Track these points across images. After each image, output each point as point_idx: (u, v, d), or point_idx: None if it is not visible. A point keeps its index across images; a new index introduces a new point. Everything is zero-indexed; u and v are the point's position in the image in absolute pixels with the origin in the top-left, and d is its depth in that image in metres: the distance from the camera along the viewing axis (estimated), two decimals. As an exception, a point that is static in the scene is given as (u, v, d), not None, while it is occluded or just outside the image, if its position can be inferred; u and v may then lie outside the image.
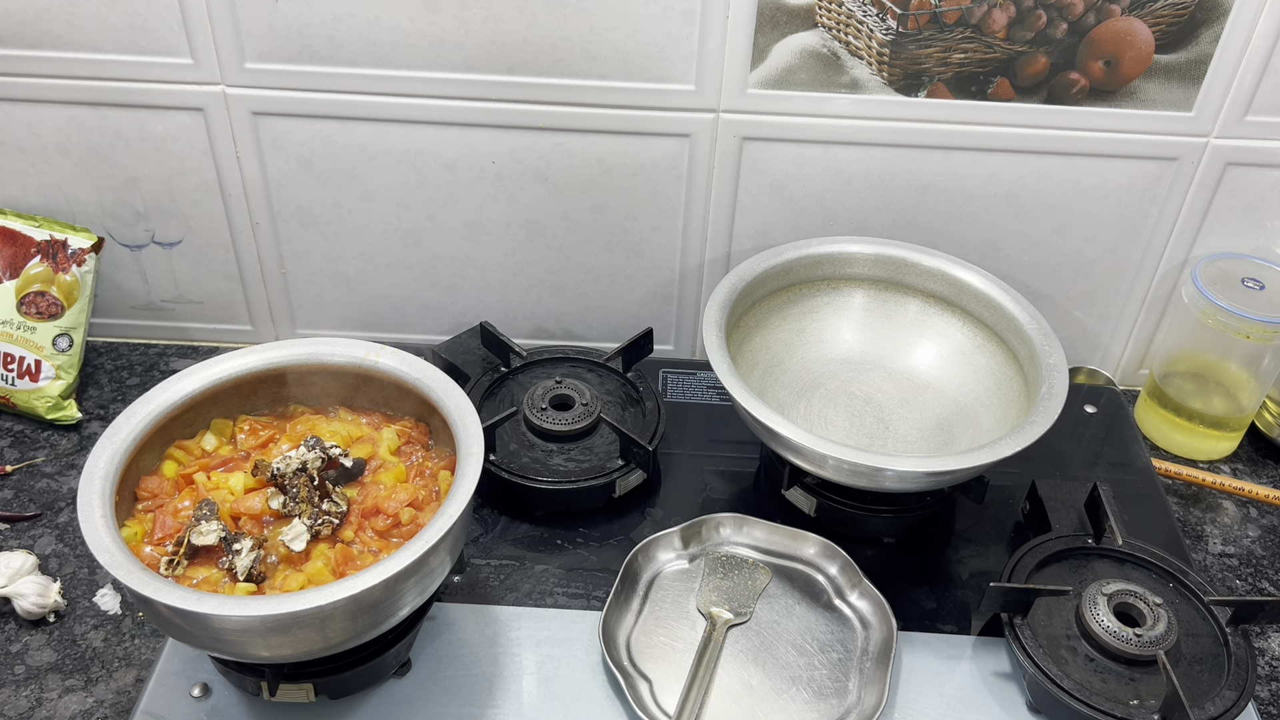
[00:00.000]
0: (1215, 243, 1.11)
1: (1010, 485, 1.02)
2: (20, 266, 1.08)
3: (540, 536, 0.97)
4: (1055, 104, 1.02)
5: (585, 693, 0.84)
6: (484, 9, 0.98)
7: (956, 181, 1.08)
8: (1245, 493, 1.08)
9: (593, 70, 1.01)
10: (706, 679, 0.83)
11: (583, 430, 1.01)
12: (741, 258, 1.06)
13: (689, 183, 1.08)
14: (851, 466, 0.85)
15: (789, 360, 1.06)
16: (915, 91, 1.02)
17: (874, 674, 0.85)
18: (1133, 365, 1.22)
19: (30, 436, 1.08)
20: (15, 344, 1.07)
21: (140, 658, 0.88)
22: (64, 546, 0.97)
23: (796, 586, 0.92)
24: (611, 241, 1.13)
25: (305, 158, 1.07)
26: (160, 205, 1.11)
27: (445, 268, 1.15)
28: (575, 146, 1.06)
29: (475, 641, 0.87)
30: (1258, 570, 1.01)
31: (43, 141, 1.07)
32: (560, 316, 1.20)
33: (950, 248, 1.10)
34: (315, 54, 1.01)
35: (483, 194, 1.09)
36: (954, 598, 0.93)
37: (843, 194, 1.09)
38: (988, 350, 1.04)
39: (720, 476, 1.04)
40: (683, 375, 1.15)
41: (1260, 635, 0.95)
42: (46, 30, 1.00)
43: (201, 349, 1.21)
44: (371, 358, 0.88)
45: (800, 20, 0.98)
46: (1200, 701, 0.80)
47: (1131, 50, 0.99)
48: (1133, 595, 0.86)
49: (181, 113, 1.05)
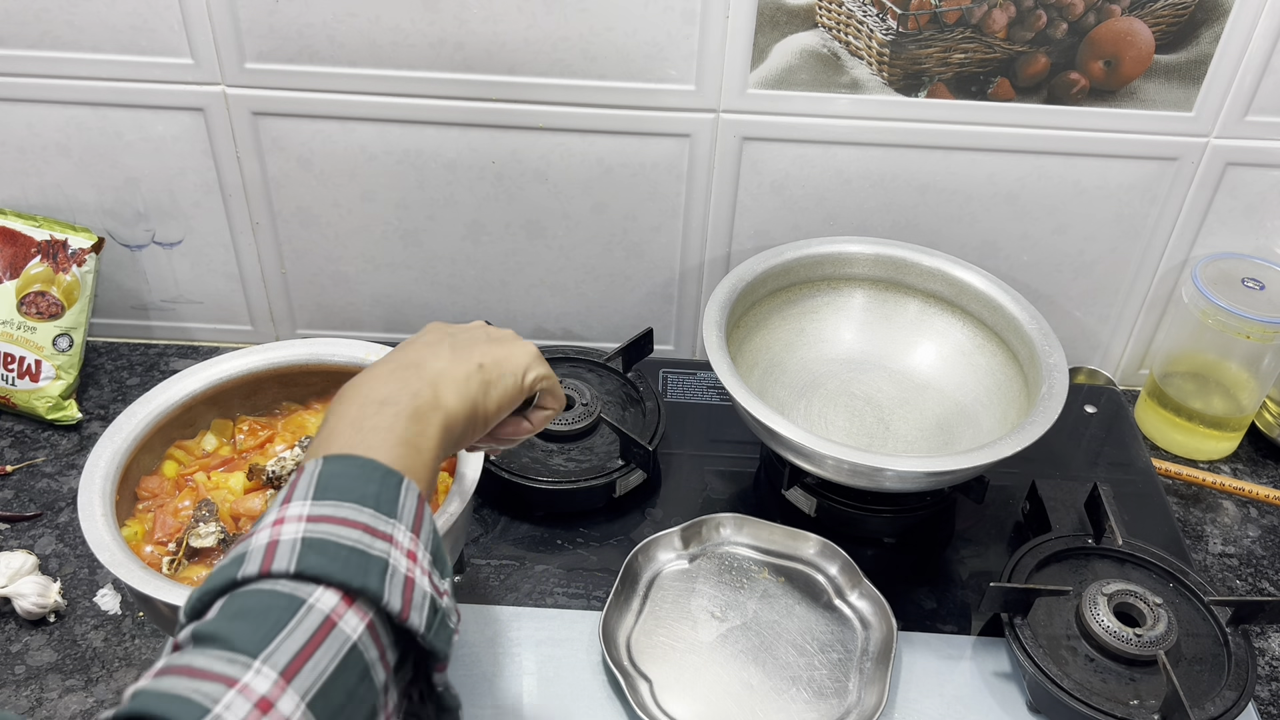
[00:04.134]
0: (1215, 243, 1.11)
1: (1010, 485, 1.02)
2: (20, 266, 1.08)
3: (540, 536, 0.97)
4: (1055, 104, 1.02)
5: (585, 693, 0.84)
6: (484, 9, 0.98)
7: (956, 181, 1.08)
8: (1245, 493, 1.08)
9: (593, 70, 1.01)
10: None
11: (583, 430, 1.01)
12: (741, 258, 1.06)
13: (689, 183, 1.08)
14: (851, 466, 0.85)
15: (789, 360, 1.06)
16: (915, 91, 1.02)
17: (874, 674, 0.85)
18: (1133, 365, 1.22)
19: (30, 436, 1.08)
20: (15, 344, 1.07)
21: (140, 658, 0.88)
22: (64, 546, 0.97)
23: (796, 586, 0.92)
24: (611, 241, 1.13)
25: (305, 158, 1.07)
26: (160, 205, 1.11)
27: (445, 268, 1.15)
28: (575, 146, 1.06)
29: (475, 641, 0.87)
30: (1258, 570, 1.01)
31: (43, 141, 1.07)
32: (560, 316, 1.20)
33: (950, 248, 1.10)
34: (315, 54, 1.01)
35: (483, 194, 1.09)
36: (954, 598, 0.93)
37: (843, 194, 1.09)
38: (988, 350, 1.04)
39: (720, 476, 1.04)
40: (683, 375, 1.15)
41: (1260, 635, 0.95)
42: (46, 30, 1.00)
43: (201, 349, 1.21)
44: (371, 358, 0.88)
45: (800, 20, 0.98)
46: (1200, 701, 0.80)
47: (1131, 50, 0.99)
48: (1133, 595, 0.86)
49: (182, 113, 1.05)
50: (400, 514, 0.56)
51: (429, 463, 0.61)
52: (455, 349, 0.67)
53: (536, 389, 0.70)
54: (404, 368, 0.64)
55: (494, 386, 0.66)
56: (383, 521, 0.55)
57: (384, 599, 0.53)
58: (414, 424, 0.61)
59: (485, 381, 0.66)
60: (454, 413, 0.64)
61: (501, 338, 0.70)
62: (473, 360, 0.66)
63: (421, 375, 0.64)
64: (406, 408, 0.61)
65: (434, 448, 0.62)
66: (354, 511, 0.55)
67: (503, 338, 0.70)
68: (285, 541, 0.53)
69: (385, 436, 0.59)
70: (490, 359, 0.67)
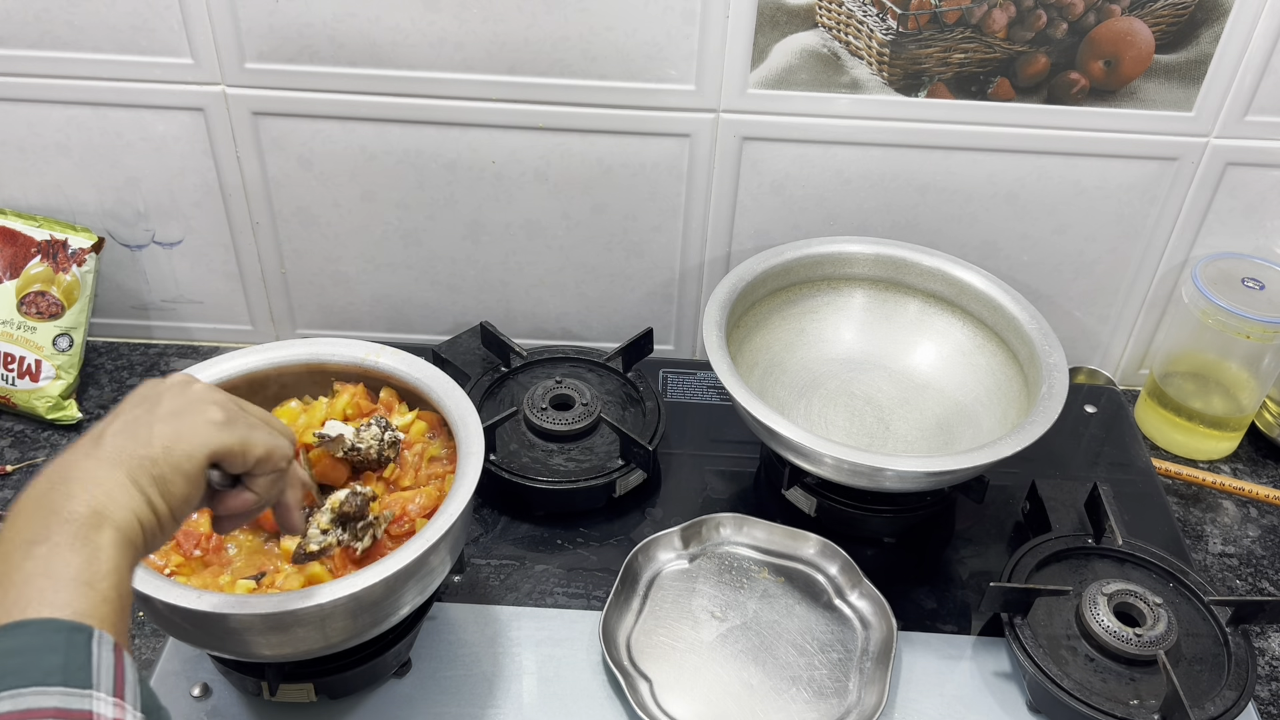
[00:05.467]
0: (1215, 243, 1.11)
1: (1010, 485, 1.02)
2: (20, 266, 1.08)
3: (540, 536, 0.97)
4: (1055, 104, 1.02)
5: (585, 693, 0.84)
6: (484, 9, 0.98)
7: (956, 181, 1.08)
8: (1245, 493, 1.08)
9: (593, 70, 1.01)
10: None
11: (583, 430, 1.01)
12: (741, 258, 1.06)
13: (689, 183, 1.08)
14: (851, 466, 0.85)
15: (789, 360, 1.06)
16: (915, 91, 1.02)
17: (874, 674, 0.85)
18: (1133, 365, 1.22)
19: (30, 436, 1.08)
20: (15, 344, 1.07)
21: (140, 658, 0.88)
22: (64, 546, 0.97)
23: (796, 586, 0.92)
24: (611, 241, 1.13)
25: (305, 158, 1.07)
26: (160, 205, 1.11)
27: (445, 268, 1.15)
28: (575, 146, 1.06)
29: (475, 641, 0.87)
30: (1258, 570, 1.01)
31: (43, 141, 1.07)
32: (560, 316, 1.20)
33: (950, 248, 1.09)
34: (315, 54, 1.01)
35: (483, 194, 1.09)
36: (954, 598, 0.93)
37: (843, 194, 1.09)
38: (988, 350, 1.04)
39: (720, 476, 1.04)
40: (683, 375, 1.15)
41: (1260, 635, 0.95)
42: (46, 30, 1.00)
43: (201, 349, 1.21)
44: (371, 358, 0.88)
45: (800, 20, 0.98)
46: (1200, 701, 0.80)
47: (1131, 50, 0.99)
48: (1133, 595, 0.86)
49: (182, 113, 1.05)
50: (97, 678, 0.47)
51: (114, 590, 0.51)
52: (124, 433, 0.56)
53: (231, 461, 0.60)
54: (51, 486, 0.53)
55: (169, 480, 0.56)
56: (76, 697, 0.46)
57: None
58: (77, 554, 0.51)
59: (157, 477, 0.56)
60: (126, 523, 0.53)
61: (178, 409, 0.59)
62: (141, 450, 0.56)
63: (70, 490, 0.53)
64: (62, 539, 0.51)
65: (114, 570, 0.51)
66: (39, 698, 0.45)
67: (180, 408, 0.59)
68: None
69: (48, 582, 0.49)
70: (160, 444, 0.56)
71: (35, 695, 0.45)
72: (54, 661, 0.46)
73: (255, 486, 0.63)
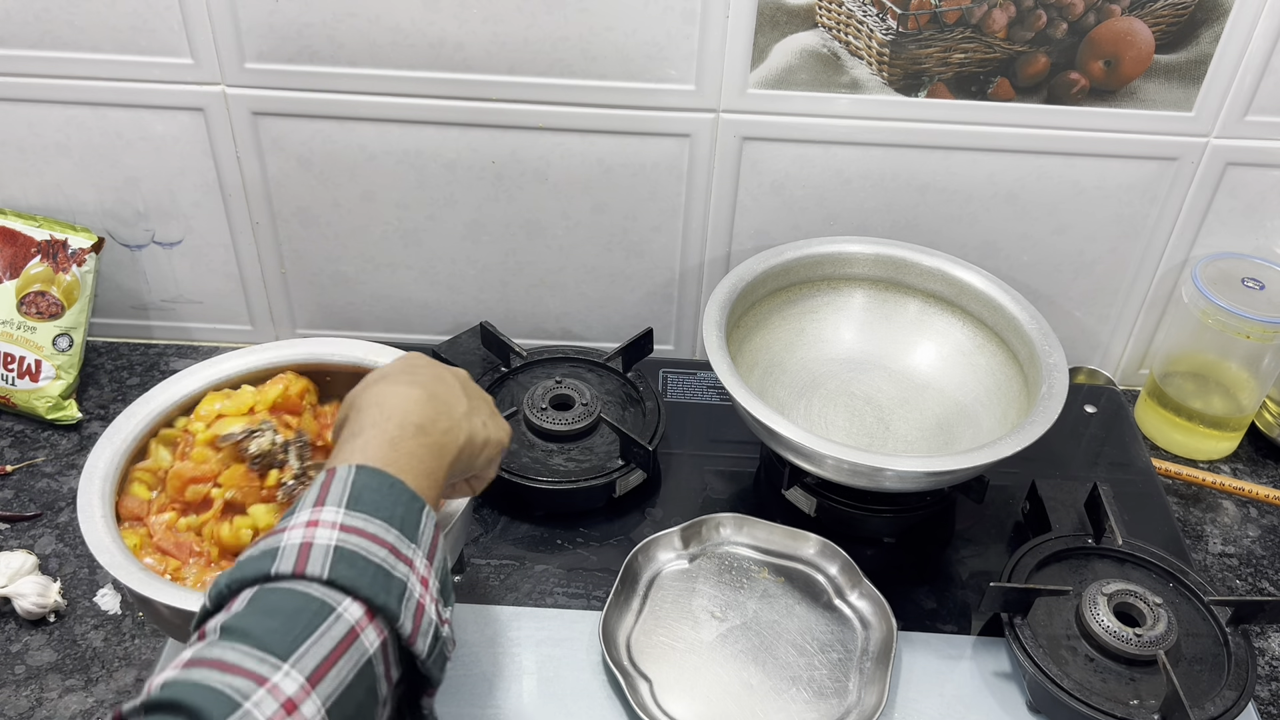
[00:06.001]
0: (1215, 243, 1.11)
1: (1010, 485, 1.02)
2: (20, 266, 1.08)
3: (540, 536, 0.97)
4: (1055, 104, 1.02)
5: (585, 693, 0.84)
6: (484, 9, 0.98)
7: (956, 181, 1.08)
8: (1245, 493, 1.08)
9: (593, 70, 1.01)
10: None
11: (583, 430, 1.01)
12: (741, 258, 1.06)
13: (689, 183, 1.08)
14: (851, 466, 0.85)
15: (789, 360, 1.06)
16: (915, 91, 1.02)
17: (874, 674, 0.85)
18: (1133, 365, 1.22)
19: (30, 436, 1.08)
20: (15, 344, 1.07)
21: (140, 658, 0.88)
22: (64, 546, 0.97)
23: (796, 586, 0.92)
24: (611, 241, 1.13)
25: (305, 158, 1.07)
26: (160, 205, 1.11)
27: (445, 268, 1.15)
28: (575, 146, 1.06)
29: (475, 641, 0.87)
30: (1258, 570, 1.01)
31: (43, 141, 1.07)
32: (560, 316, 1.20)
33: (950, 248, 1.09)
34: (315, 54, 1.01)
35: (483, 194, 1.09)
36: (954, 598, 0.93)
37: (843, 194, 1.09)
38: (988, 350, 1.04)
39: (720, 476, 1.04)
40: (683, 375, 1.15)
41: (1260, 635, 0.95)
42: (46, 30, 1.00)
43: (201, 349, 1.21)
44: (371, 358, 0.88)
45: (800, 20, 0.98)
46: (1200, 701, 0.80)
47: (1131, 50, 0.99)
48: (1133, 595, 0.86)
49: (181, 113, 1.05)
50: (420, 540, 0.59)
51: (437, 498, 0.64)
52: (470, 401, 0.70)
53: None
54: (436, 399, 0.66)
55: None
56: (405, 545, 0.58)
57: (399, 620, 0.55)
58: (437, 459, 0.64)
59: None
60: (459, 461, 0.67)
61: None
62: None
63: (451, 415, 0.67)
64: (437, 442, 0.64)
65: (440, 485, 0.64)
66: (383, 530, 0.57)
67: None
68: (319, 546, 0.54)
69: (415, 464, 0.62)
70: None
71: (381, 527, 0.57)
72: (398, 512, 0.58)
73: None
